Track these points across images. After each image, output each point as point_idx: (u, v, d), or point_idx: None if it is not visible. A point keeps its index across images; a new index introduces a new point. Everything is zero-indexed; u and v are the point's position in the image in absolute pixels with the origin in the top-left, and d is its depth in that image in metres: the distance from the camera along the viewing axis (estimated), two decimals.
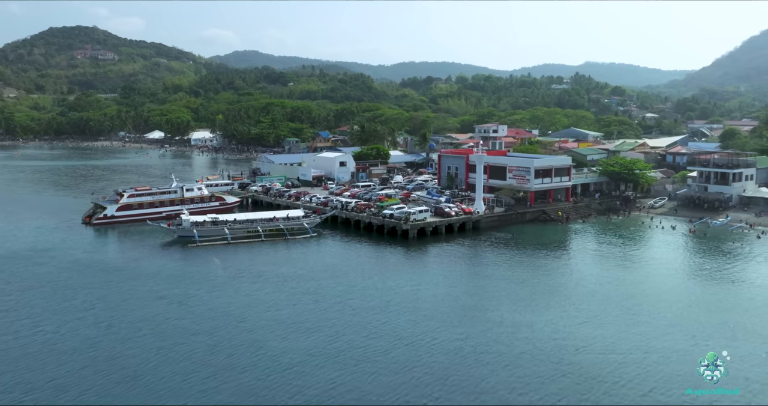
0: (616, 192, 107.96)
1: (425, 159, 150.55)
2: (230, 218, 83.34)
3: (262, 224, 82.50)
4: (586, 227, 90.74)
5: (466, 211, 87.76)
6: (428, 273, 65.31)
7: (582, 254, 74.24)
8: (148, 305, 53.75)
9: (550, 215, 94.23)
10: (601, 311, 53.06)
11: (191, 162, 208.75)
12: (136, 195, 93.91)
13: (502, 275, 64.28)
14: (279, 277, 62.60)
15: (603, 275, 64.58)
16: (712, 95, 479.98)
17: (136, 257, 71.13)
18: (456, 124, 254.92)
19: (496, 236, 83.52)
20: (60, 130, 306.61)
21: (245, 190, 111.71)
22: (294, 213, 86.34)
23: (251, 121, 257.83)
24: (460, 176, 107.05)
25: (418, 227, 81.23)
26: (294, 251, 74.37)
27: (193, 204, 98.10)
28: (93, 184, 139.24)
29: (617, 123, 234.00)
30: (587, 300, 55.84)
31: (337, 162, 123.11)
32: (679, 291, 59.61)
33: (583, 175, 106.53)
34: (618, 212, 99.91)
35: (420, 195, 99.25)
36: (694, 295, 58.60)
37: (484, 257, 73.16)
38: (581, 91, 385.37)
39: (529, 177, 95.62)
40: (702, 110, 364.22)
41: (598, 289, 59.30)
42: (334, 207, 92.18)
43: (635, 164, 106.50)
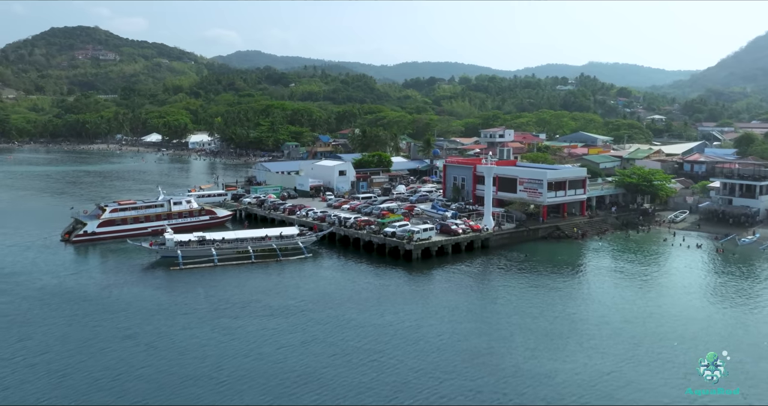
0: (633, 205, 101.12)
1: (429, 166, 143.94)
2: (218, 236, 76.73)
3: (252, 244, 75.93)
4: (603, 245, 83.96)
5: (474, 228, 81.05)
6: (432, 304, 58.56)
7: (602, 279, 67.38)
8: (113, 346, 47.13)
9: (565, 232, 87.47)
10: (629, 356, 46.33)
11: (188, 167, 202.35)
12: (119, 209, 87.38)
13: (515, 307, 57.52)
14: (266, 309, 56.00)
15: (628, 307, 57.70)
16: (718, 96, 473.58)
17: (112, 283, 64.51)
18: (460, 127, 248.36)
19: (506, 256, 76.79)
20: (56, 132, 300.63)
21: (238, 202, 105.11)
22: (288, 231, 79.73)
23: (250, 124, 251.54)
24: (467, 188, 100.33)
25: (422, 247, 74.54)
26: (285, 276, 67.73)
27: (181, 219, 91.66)
28: (82, 191, 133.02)
29: (627, 126, 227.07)
30: (613, 341, 49.11)
31: (336, 171, 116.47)
32: (716, 330, 52.73)
33: (599, 187, 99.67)
34: (636, 227, 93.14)
35: (424, 209, 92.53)
36: (736, 335, 51.77)
37: (494, 283, 66.39)
38: (587, 93, 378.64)
39: (541, 190, 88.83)
40: (710, 112, 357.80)
41: (623, 327, 52.46)
42: (332, 223, 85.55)
43: (654, 175, 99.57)
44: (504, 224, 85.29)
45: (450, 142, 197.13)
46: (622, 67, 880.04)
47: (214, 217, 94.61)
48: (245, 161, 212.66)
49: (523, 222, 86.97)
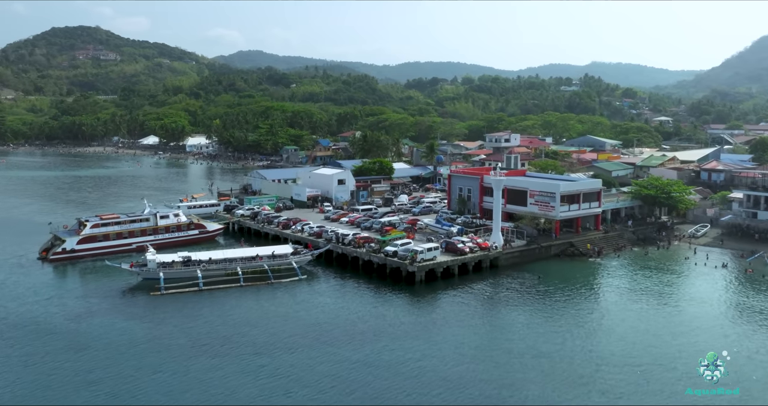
0: (651, 218, 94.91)
1: (432, 173, 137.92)
2: (205, 256, 70.63)
3: (242, 264, 69.92)
4: (621, 264, 77.78)
5: (482, 246, 74.95)
6: (436, 339, 52.42)
7: (624, 308, 61.05)
8: (69, 396, 41.16)
9: (579, 249, 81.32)
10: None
11: (184, 172, 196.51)
12: (101, 225, 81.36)
13: (529, 344, 51.27)
14: (249, 346, 49.97)
15: (656, 345, 51.25)
16: (723, 97, 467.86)
17: (84, 312, 58.52)
18: (464, 130, 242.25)
19: (518, 278, 70.70)
20: (52, 135, 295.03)
21: (231, 215, 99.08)
22: (281, 249, 73.64)
23: (249, 127, 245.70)
24: (473, 200, 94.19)
25: (426, 268, 68.46)
26: (276, 303, 61.71)
27: (168, 233, 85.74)
28: (70, 199, 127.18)
29: (635, 130, 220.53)
30: (641, 392, 42.99)
31: (334, 180, 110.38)
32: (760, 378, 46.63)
33: (614, 200, 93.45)
34: (655, 243, 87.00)
35: (428, 223, 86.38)
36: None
37: (504, 313, 60.20)
38: (592, 94, 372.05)
39: (554, 203, 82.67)
40: (717, 114, 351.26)
41: (653, 370, 46.28)
42: (329, 239, 79.53)
43: (673, 187, 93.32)
44: (514, 241, 79.17)
45: (454, 146, 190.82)
46: (626, 67, 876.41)
47: (203, 231, 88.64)
48: (243, 166, 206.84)
49: (534, 238, 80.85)
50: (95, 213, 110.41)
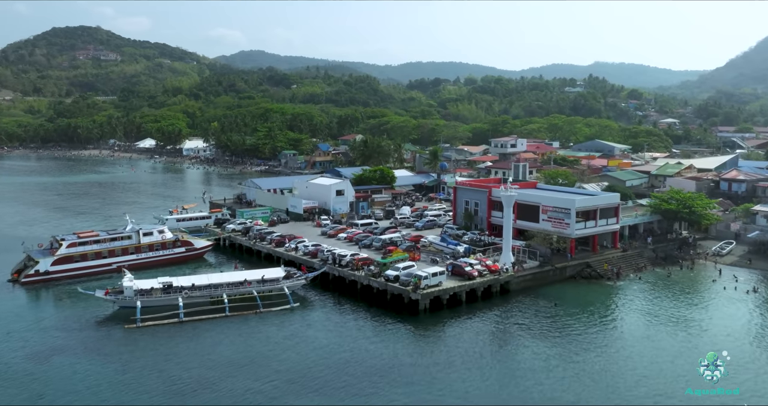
0: (671, 234, 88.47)
1: (436, 181, 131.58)
2: (187, 282, 64.34)
3: (228, 290, 63.73)
4: (643, 288, 71.29)
5: (491, 268, 68.67)
6: (440, 385, 45.98)
7: (652, 345, 54.51)
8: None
9: (596, 270, 74.97)
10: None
11: (180, 178, 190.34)
12: (78, 243, 75.15)
13: (546, 392, 44.94)
14: (227, 396, 43.64)
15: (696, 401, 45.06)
16: (729, 98, 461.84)
17: (46, 349, 52.26)
18: (467, 134, 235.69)
19: (531, 305, 64.40)
20: (47, 137, 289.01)
21: (221, 229, 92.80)
22: (272, 273, 67.43)
23: (247, 130, 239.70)
24: (481, 214, 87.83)
25: (430, 296, 62.21)
26: (262, 339, 55.34)
27: (153, 252, 79.58)
28: (55, 209, 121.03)
29: (645, 133, 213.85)
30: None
31: (333, 191, 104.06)
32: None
33: (632, 215, 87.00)
34: (678, 262, 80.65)
35: (432, 241, 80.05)
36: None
37: (518, 350, 53.70)
38: (597, 95, 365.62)
39: (568, 220, 76.30)
40: (725, 115, 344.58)
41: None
42: (325, 260, 73.26)
43: (696, 201, 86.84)
44: (526, 262, 72.83)
45: (457, 151, 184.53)
46: (629, 67, 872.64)
47: (191, 248, 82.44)
48: (240, 171, 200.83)
49: (547, 259, 74.48)
50: (81, 225, 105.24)
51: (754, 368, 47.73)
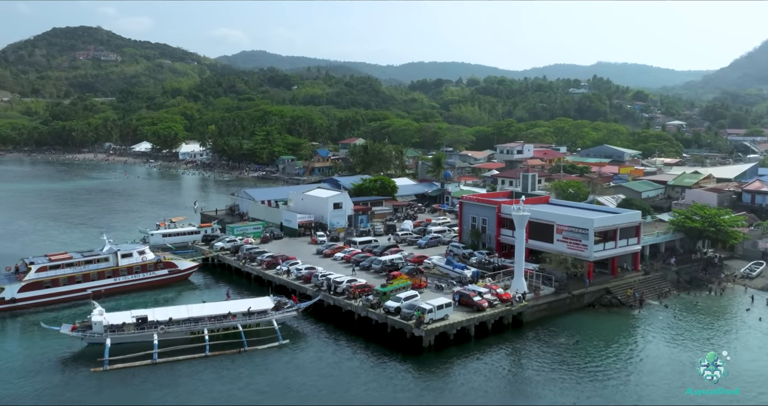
0: (696, 254, 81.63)
1: (440, 191, 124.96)
2: (164, 315, 57.62)
3: (210, 324, 57.13)
4: (669, 318, 64.43)
5: (502, 298, 62.01)
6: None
7: (689, 399, 48.00)
8: None
9: (617, 297, 68.28)
10: None
11: (175, 184, 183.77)
12: (49, 267, 68.58)
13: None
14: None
15: None
16: (734, 98, 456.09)
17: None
18: (471, 137, 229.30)
19: (548, 340, 57.74)
20: (41, 140, 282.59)
21: (209, 247, 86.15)
22: (259, 304, 60.71)
23: (245, 133, 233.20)
24: (489, 232, 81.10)
25: (436, 332, 55.55)
26: (243, 386, 48.54)
27: (132, 275, 73.02)
28: (35, 222, 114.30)
29: (655, 138, 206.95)
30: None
31: (329, 204, 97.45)
32: None
33: (654, 233, 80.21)
34: (705, 285, 73.96)
35: (437, 263, 73.37)
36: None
37: (536, 397, 47.22)
38: (602, 97, 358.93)
39: (586, 242, 69.59)
40: (733, 118, 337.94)
41: None
42: (319, 286, 66.66)
43: (723, 218, 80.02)
44: (541, 289, 66.11)
45: (461, 157, 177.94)
46: (632, 67, 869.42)
47: (174, 271, 75.82)
48: (237, 176, 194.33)
49: (564, 285, 67.78)
50: (64, 240, 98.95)
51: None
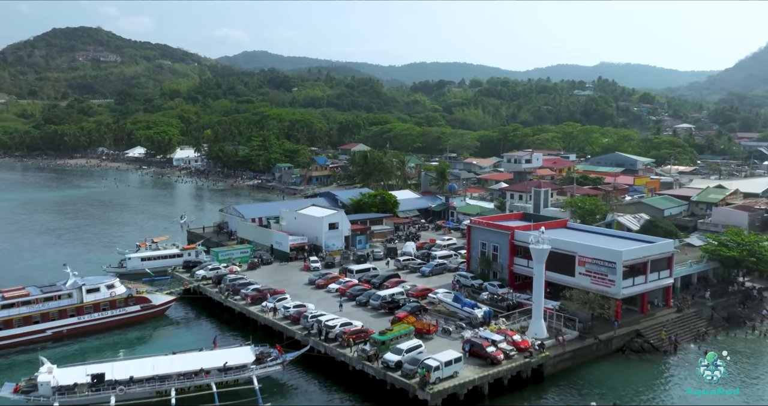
0: (733, 286, 73.04)
1: (444, 205, 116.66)
2: (124, 370, 49.04)
3: (179, 383, 48.76)
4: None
5: (520, 346, 53.59)
6: None
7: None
8: None
9: (649, 341, 59.83)
10: None
11: (168, 194, 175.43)
12: (2, 306, 60.31)
13: None
14: None
15: None
16: (741, 100, 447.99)
17: None
18: (475, 142, 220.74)
19: (575, 399, 49.34)
20: (33, 145, 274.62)
21: (191, 275, 77.70)
22: (238, 356, 52.10)
23: (242, 138, 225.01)
24: (500, 260, 72.64)
25: (444, 394, 47.09)
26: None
27: (99, 313, 64.75)
28: (6, 241, 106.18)
29: (668, 145, 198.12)
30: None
31: (325, 224, 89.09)
32: None
33: (686, 264, 71.74)
34: (744, 323, 65.53)
35: (443, 299, 64.86)
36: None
37: None
38: (608, 99, 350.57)
39: (614, 277, 61.17)
40: (743, 121, 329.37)
41: None
42: (309, 329, 58.26)
43: (763, 245, 71.42)
44: (565, 333, 57.64)
45: (466, 165, 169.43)
46: (635, 67, 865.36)
47: (147, 306, 67.45)
48: (232, 185, 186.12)
49: (588, 327, 59.32)
50: (35, 265, 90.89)
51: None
